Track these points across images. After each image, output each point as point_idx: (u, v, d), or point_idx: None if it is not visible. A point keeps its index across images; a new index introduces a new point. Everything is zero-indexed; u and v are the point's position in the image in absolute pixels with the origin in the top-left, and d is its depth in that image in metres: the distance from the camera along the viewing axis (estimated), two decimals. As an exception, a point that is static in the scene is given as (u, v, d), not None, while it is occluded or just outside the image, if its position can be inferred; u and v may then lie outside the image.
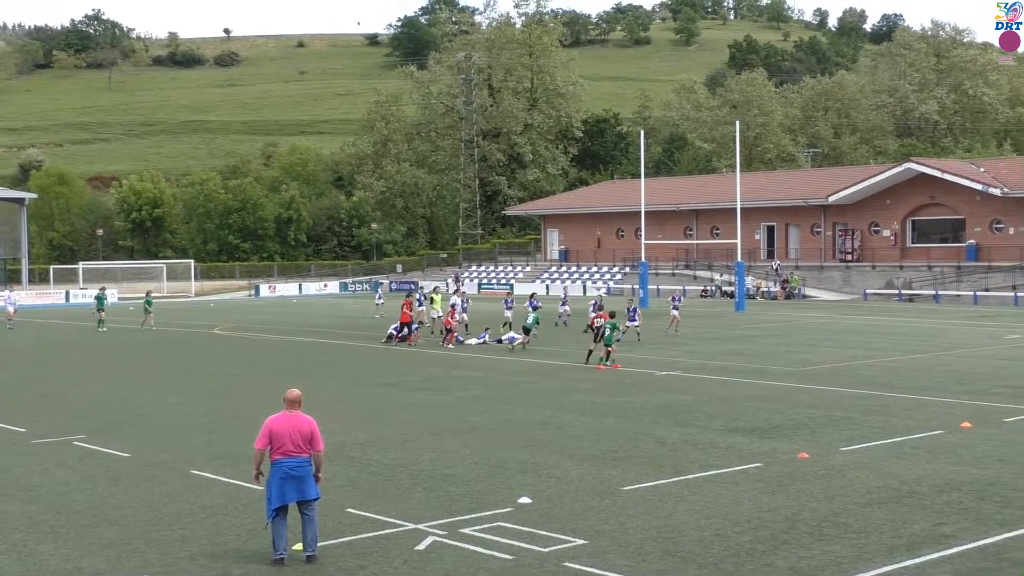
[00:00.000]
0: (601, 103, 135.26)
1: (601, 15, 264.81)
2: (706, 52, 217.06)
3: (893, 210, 71.85)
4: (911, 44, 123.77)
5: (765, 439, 19.34)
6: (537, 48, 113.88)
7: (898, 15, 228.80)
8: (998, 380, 27.26)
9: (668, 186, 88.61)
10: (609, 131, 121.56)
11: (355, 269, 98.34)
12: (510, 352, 35.80)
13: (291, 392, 12.41)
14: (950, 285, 64.98)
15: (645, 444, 19.00)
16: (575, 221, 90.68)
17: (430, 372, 30.65)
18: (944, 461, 17.26)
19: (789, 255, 76.65)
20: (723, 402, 23.95)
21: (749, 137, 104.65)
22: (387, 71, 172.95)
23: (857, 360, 32.44)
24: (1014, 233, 66.57)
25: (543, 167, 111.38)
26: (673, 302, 42.64)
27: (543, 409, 23.25)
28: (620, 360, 31.69)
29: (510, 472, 16.77)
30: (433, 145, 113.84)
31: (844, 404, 23.42)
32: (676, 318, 41.58)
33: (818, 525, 13.47)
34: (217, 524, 13.83)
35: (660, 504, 14.61)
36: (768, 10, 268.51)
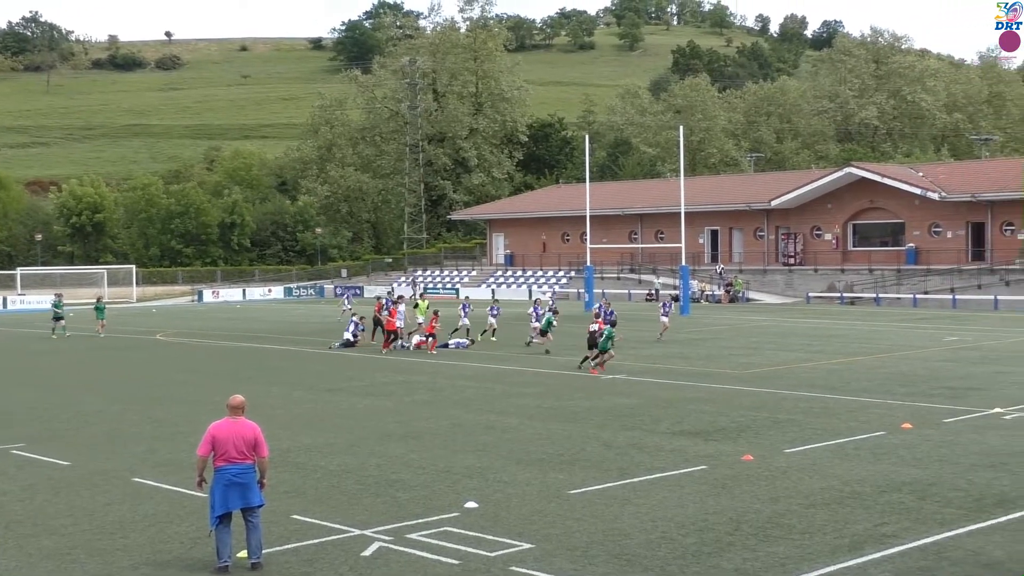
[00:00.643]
0: (546, 108, 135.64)
1: (546, 20, 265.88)
2: (650, 57, 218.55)
3: (835, 214, 72.68)
4: (851, 50, 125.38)
5: (710, 442, 19.46)
6: (482, 53, 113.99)
7: (838, 22, 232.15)
8: (937, 382, 27.65)
9: (613, 190, 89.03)
10: (554, 136, 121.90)
11: (300, 274, 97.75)
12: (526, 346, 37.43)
13: (234, 398, 12.30)
14: (890, 288, 65.84)
15: (591, 448, 19.05)
16: (521, 225, 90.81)
17: (375, 377, 30.52)
18: (886, 462, 17.47)
19: (733, 259, 77.26)
20: (668, 405, 24.07)
21: (693, 142, 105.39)
22: (331, 75, 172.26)
23: (800, 363, 32.76)
24: (952, 237, 67.60)
25: (488, 171, 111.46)
26: (663, 309, 42.10)
27: (489, 413, 23.24)
28: (563, 363, 31.75)
29: (457, 477, 16.74)
30: (378, 149, 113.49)
31: (787, 406, 23.63)
32: (666, 325, 41.07)
33: (762, 526, 13.57)
34: (160, 532, 13.67)
35: (606, 507, 14.64)
36: (711, 16, 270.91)
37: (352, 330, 40.41)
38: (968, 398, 24.52)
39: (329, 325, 52.07)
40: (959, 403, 23.75)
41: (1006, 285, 61.01)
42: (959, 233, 67.41)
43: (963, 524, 13.57)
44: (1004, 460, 17.45)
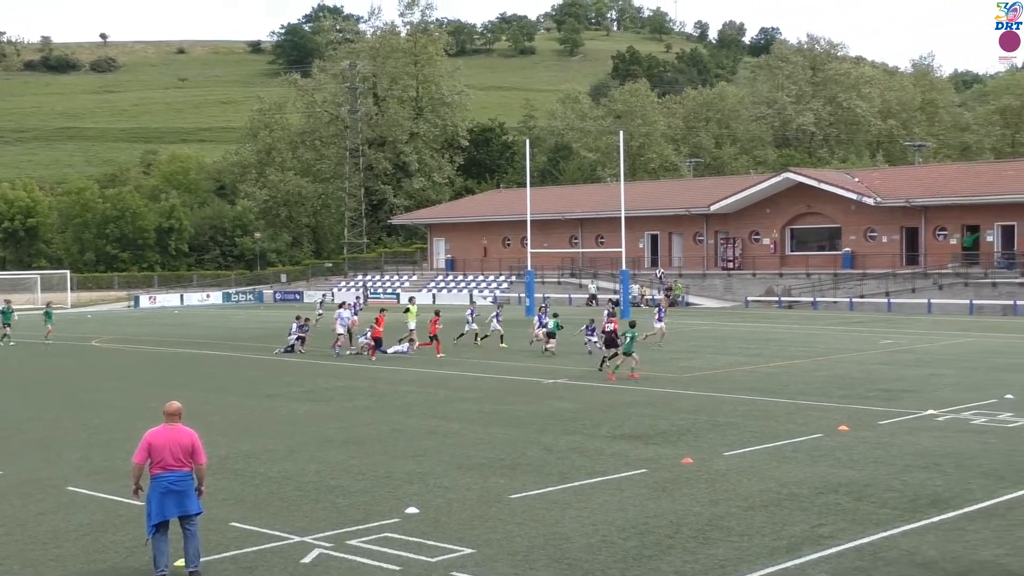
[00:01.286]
0: (487, 112, 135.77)
1: (486, 25, 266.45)
2: (590, 62, 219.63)
3: (773, 219, 73.44)
4: (788, 57, 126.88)
5: (650, 445, 19.56)
6: (422, 57, 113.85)
7: (775, 29, 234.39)
8: (873, 384, 28.02)
9: (553, 195, 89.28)
10: (495, 140, 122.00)
11: (238, 279, 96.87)
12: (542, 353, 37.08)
13: (171, 405, 12.14)
14: (827, 292, 66.63)
15: (532, 452, 19.06)
16: (461, 230, 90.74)
17: (315, 383, 30.32)
18: (823, 464, 17.66)
19: (672, 263, 77.75)
20: (609, 409, 24.15)
21: (633, 147, 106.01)
22: (270, 79, 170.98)
23: (739, 366, 33.04)
24: (887, 241, 68.57)
25: (429, 176, 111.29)
26: (658, 314, 41.41)
27: (431, 418, 23.18)
28: (504, 368, 31.75)
29: (397, 482, 16.67)
30: (318, 154, 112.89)
31: (726, 409, 23.82)
32: (662, 330, 40.30)
33: (702, 529, 13.65)
34: (95, 542, 13.46)
35: (547, 512, 14.66)
36: (650, 22, 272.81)
37: (296, 331, 39.99)
38: (902, 400, 24.87)
39: (268, 330, 51.66)
40: (894, 405, 24.09)
41: (939, 289, 62.01)
42: (894, 238, 68.41)
43: (898, 524, 13.75)
44: (937, 461, 17.72)
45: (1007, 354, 35.75)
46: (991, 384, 27.52)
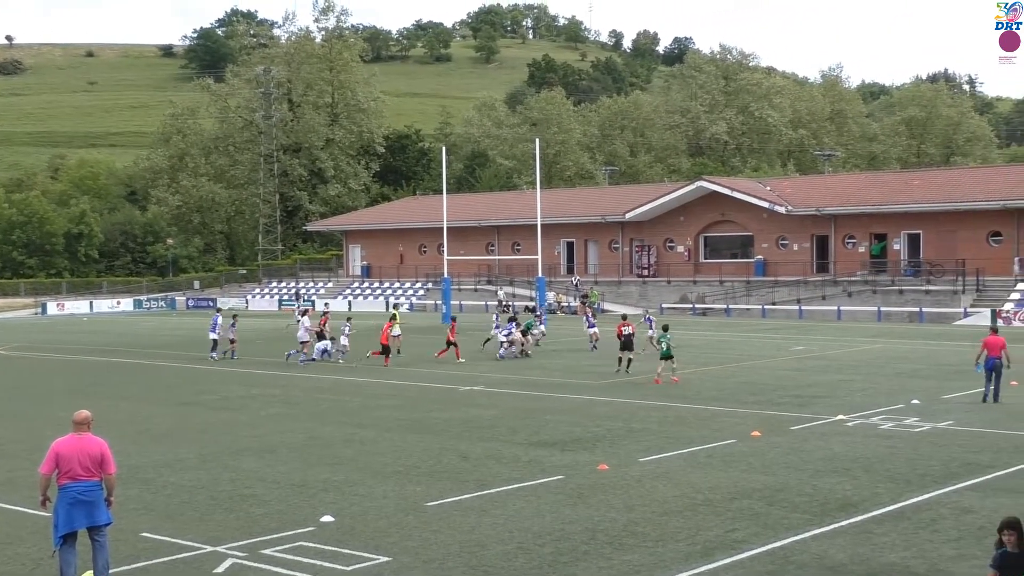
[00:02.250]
0: (403, 119, 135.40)
1: (402, 31, 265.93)
2: (506, 70, 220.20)
3: (687, 226, 74.24)
4: (701, 67, 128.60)
5: (566, 452, 19.64)
6: (338, 63, 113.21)
7: (689, 39, 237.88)
8: (785, 390, 28.46)
9: (470, 202, 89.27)
10: (411, 147, 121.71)
11: (150, 286, 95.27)
12: None
13: (79, 413, 11.90)
14: (740, 299, 67.51)
15: (449, 459, 19.04)
16: (377, 237, 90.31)
17: (230, 390, 29.96)
18: (736, 469, 17.89)
19: (588, 270, 78.18)
20: (525, 416, 24.21)
21: (549, 154, 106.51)
22: (183, 83, 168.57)
23: (653, 373, 33.31)
24: (798, 249, 69.69)
25: (345, 182, 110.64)
26: (648, 323, 40.67)
27: (346, 426, 23.03)
28: (421, 375, 31.68)
29: (313, 491, 16.54)
30: (232, 159, 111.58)
31: (641, 416, 24.01)
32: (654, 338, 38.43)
33: (617, 535, 13.74)
34: (0, 554, 13.14)
35: (464, 519, 14.65)
36: (566, 31, 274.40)
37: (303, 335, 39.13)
38: (814, 406, 25.30)
39: (181, 337, 50.93)
40: (805, 411, 24.48)
41: (848, 296, 63.18)
42: (804, 246, 69.55)
43: (809, 528, 13.98)
44: (847, 466, 18.05)
45: (913, 360, 36.56)
46: (898, 390, 28.12)
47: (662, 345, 30.25)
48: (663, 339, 30.28)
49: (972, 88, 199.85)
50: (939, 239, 63.69)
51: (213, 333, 39.58)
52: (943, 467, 17.88)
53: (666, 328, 31.29)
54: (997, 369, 25.57)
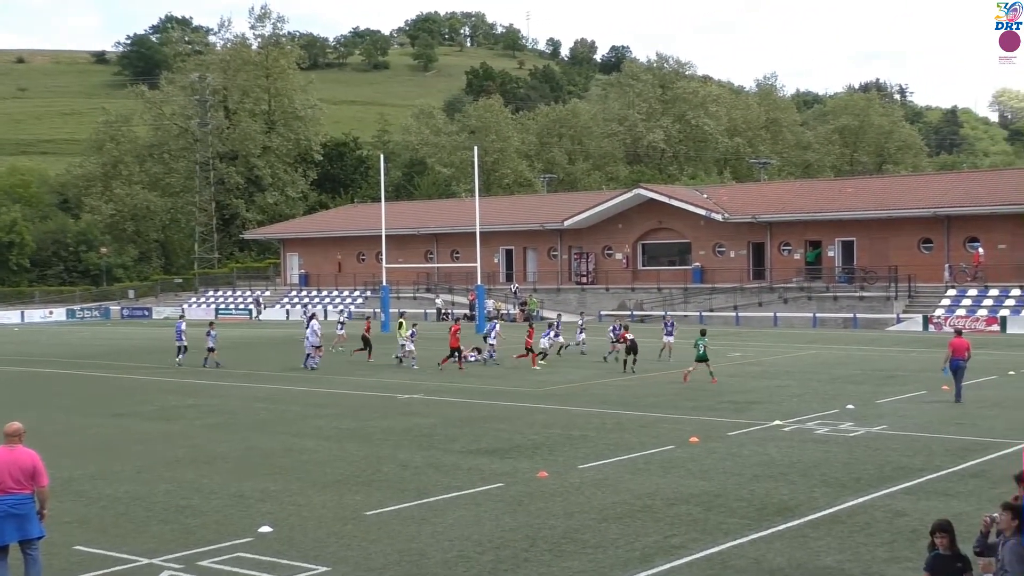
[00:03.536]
0: (340, 127, 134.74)
1: (339, 39, 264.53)
2: (444, 78, 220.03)
3: (625, 234, 74.63)
4: (638, 75, 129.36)
5: (506, 459, 19.65)
6: (274, 70, 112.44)
7: (626, 47, 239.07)
8: (722, 396, 28.70)
9: (408, 210, 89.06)
10: (349, 155, 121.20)
11: (83, 295, 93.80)
12: None
13: (10, 425, 11.71)
14: (678, 306, 67.98)
15: (388, 468, 18.97)
16: (315, 245, 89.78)
17: (166, 401, 29.60)
18: (675, 475, 18.02)
19: (527, 278, 78.29)
20: (465, 424, 24.19)
21: (487, 162, 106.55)
22: (116, 90, 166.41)
23: (592, 380, 33.46)
24: (734, 256, 70.37)
25: (282, 190, 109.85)
26: (667, 327, 40.49)
27: (284, 436, 22.86)
28: (360, 383, 31.53)
29: (250, 501, 16.39)
30: (167, 167, 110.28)
31: (581, 423, 24.09)
32: (670, 344, 39.29)
33: (557, 542, 13.77)
34: (-71, 571, 12.87)
35: (403, 528, 14.60)
36: (504, 39, 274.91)
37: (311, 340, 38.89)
38: (750, 411, 25.55)
39: (115, 347, 50.23)
40: (742, 416, 24.72)
41: (784, 303, 63.91)
42: (741, 253, 70.24)
43: (746, 533, 14.11)
44: (784, 471, 18.25)
45: (848, 366, 37.05)
46: (833, 395, 28.48)
47: (698, 348, 31.68)
48: (699, 342, 31.75)
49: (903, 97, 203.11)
50: (872, 246, 64.66)
51: (179, 340, 40.22)
52: (877, 471, 18.13)
53: (703, 333, 33.00)
54: (962, 370, 26.69)
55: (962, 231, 62.17)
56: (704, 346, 31.56)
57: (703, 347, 31.53)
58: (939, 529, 9.50)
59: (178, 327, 41.43)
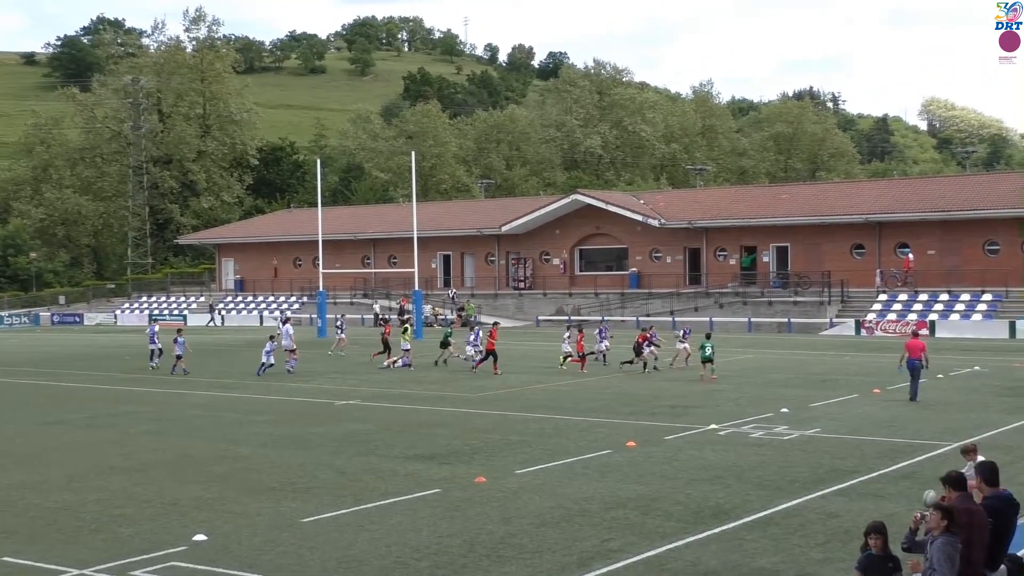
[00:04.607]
0: (277, 131, 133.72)
1: (275, 42, 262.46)
2: (381, 83, 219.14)
3: (562, 239, 74.88)
4: (576, 81, 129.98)
5: (444, 465, 19.61)
6: (209, 74, 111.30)
7: (563, 53, 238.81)
8: (659, 401, 28.88)
9: (345, 215, 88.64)
10: (285, 159, 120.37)
11: (12, 301, 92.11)
12: None
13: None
14: (615, 311, 68.31)
15: (325, 475, 18.84)
16: (251, 250, 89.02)
17: (97, 408, 29.15)
18: (612, 479, 18.08)
19: (465, 283, 78.30)
20: (402, 430, 24.10)
21: (425, 167, 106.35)
22: (46, 92, 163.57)
23: (530, 385, 33.51)
24: (671, 262, 70.89)
25: (218, 195, 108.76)
26: (682, 334, 39.90)
27: (220, 443, 22.62)
28: (296, 389, 31.32)
29: (185, 509, 16.19)
30: (99, 171, 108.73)
31: (519, 428, 24.11)
32: (687, 350, 38.30)
33: (495, 547, 13.77)
34: None
35: (340, 535, 14.51)
36: (441, 44, 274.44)
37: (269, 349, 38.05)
38: (687, 416, 25.73)
39: (45, 354, 49.36)
40: (679, 421, 24.89)
41: (720, 308, 64.47)
42: (677, 258, 70.77)
43: (683, 536, 14.21)
44: (719, 474, 18.40)
45: (782, 370, 37.46)
46: (768, 399, 28.78)
47: (704, 350, 33.81)
48: (705, 345, 33.92)
49: (836, 105, 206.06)
50: (806, 251, 65.51)
51: (153, 344, 40.59)
52: (811, 473, 18.35)
53: (708, 336, 35.28)
54: (917, 370, 27.77)
55: (893, 237, 63.21)
56: (710, 348, 33.86)
57: (710, 349, 33.81)
58: (874, 531, 9.63)
59: (151, 331, 41.79)
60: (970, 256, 60.33)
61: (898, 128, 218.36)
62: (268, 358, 37.17)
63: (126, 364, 42.76)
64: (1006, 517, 10.09)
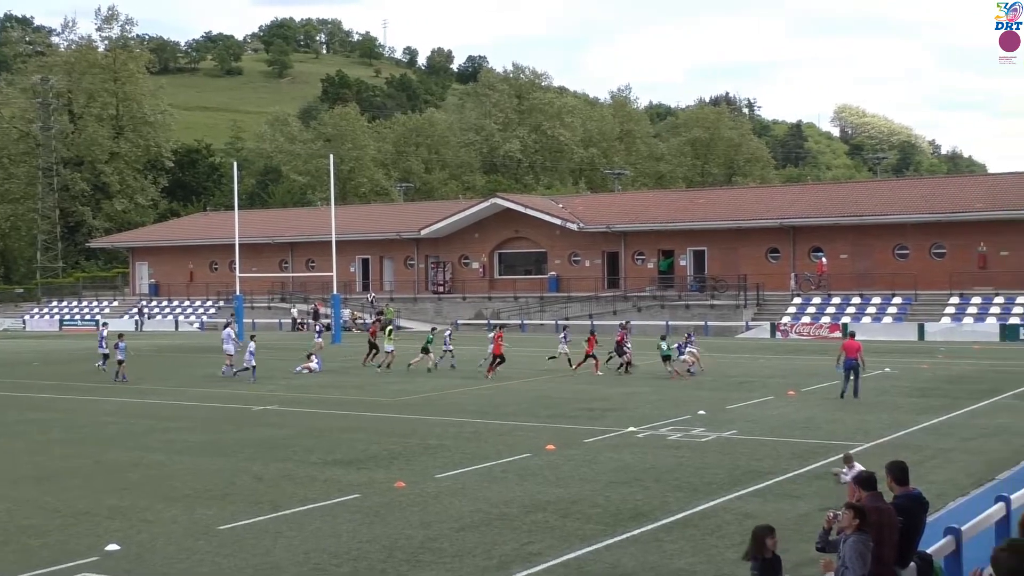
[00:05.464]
0: (192, 133, 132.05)
1: (190, 43, 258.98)
2: (299, 85, 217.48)
3: (482, 243, 74.92)
4: (495, 85, 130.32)
5: (363, 470, 19.49)
6: (122, 74, 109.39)
7: (483, 57, 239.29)
8: (578, 404, 29.01)
9: (263, 218, 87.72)
10: (201, 162, 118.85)
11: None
12: None
13: None
14: (535, 315, 68.54)
15: (242, 481, 18.61)
16: (166, 254, 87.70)
17: (4, 415, 28.48)
18: (531, 483, 18.12)
19: (384, 287, 77.96)
20: (321, 435, 23.91)
21: (343, 171, 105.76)
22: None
23: (450, 388, 33.45)
24: (589, 265, 71.32)
25: (131, 198, 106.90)
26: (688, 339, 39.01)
27: (133, 450, 22.23)
28: (211, 395, 30.93)
29: (97, 519, 15.88)
30: (6, 172, 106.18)
31: (439, 432, 24.05)
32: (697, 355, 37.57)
33: (415, 552, 13.71)
34: None
35: (258, 542, 14.34)
36: (360, 46, 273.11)
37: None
38: (605, 419, 25.87)
39: None
40: (597, 423, 25.02)
41: (638, 311, 64.94)
42: (596, 262, 71.21)
43: (602, 539, 14.28)
44: (638, 476, 18.53)
45: (699, 372, 37.79)
46: (686, 401, 29.05)
47: (661, 349, 36.31)
48: (661, 344, 36.65)
49: (751, 111, 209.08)
50: (722, 255, 66.31)
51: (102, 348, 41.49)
52: (727, 475, 18.56)
53: (663, 337, 38.13)
54: (855, 369, 28.95)
55: (807, 241, 64.28)
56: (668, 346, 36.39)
57: (667, 346, 36.30)
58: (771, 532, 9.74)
59: (100, 335, 43.10)
60: (881, 260, 61.59)
61: (812, 134, 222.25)
62: (251, 359, 36.93)
63: (35, 371, 41.87)
64: (916, 515, 10.30)
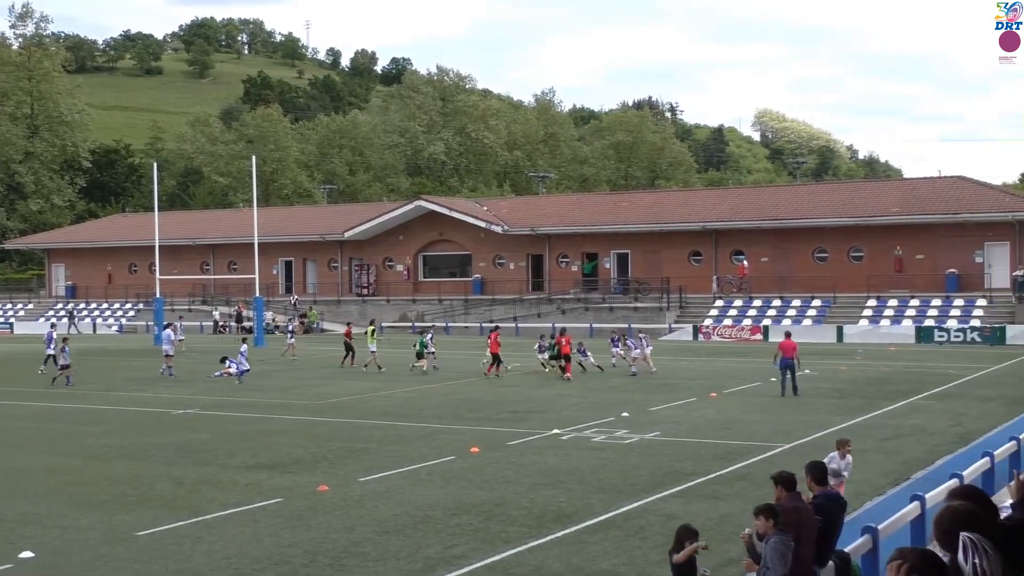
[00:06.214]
0: (111, 133, 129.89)
1: (108, 42, 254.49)
2: (220, 85, 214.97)
3: (406, 245, 74.70)
4: (419, 88, 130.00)
5: (286, 474, 19.32)
6: (37, 72, 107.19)
7: (407, 59, 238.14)
8: (502, 406, 29.04)
9: (183, 220, 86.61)
10: (120, 162, 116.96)
11: None
12: None
13: None
14: (459, 317, 68.50)
15: (161, 486, 18.34)
16: (84, 255, 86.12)
17: (-84, 421, 27.76)
18: (456, 485, 18.10)
19: (307, 289, 77.37)
20: (243, 439, 23.65)
21: (266, 172, 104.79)
22: None
23: (374, 392, 33.30)
24: (514, 268, 71.45)
25: (47, 198, 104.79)
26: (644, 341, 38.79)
27: (48, 455, 21.80)
28: (130, 399, 30.46)
29: (10, 526, 15.55)
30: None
31: (362, 435, 23.92)
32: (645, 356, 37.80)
33: (338, 556, 13.62)
34: None
35: (178, 547, 14.14)
36: (282, 47, 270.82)
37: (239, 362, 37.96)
38: (530, 421, 25.94)
39: None
40: (522, 426, 25.06)
41: (563, 313, 65.19)
42: (520, 264, 71.37)
43: (526, 541, 14.30)
44: (562, 478, 18.59)
45: (623, 374, 38.08)
46: (610, 403, 29.23)
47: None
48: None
49: (673, 116, 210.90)
50: (646, 258, 66.84)
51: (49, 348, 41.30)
52: (650, 476, 18.70)
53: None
54: (791, 367, 30.26)
55: (728, 245, 65.03)
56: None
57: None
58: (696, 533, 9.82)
59: (48, 336, 42.88)
60: (800, 263, 62.50)
61: (733, 138, 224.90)
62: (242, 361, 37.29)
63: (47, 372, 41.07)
64: (834, 515, 10.46)
